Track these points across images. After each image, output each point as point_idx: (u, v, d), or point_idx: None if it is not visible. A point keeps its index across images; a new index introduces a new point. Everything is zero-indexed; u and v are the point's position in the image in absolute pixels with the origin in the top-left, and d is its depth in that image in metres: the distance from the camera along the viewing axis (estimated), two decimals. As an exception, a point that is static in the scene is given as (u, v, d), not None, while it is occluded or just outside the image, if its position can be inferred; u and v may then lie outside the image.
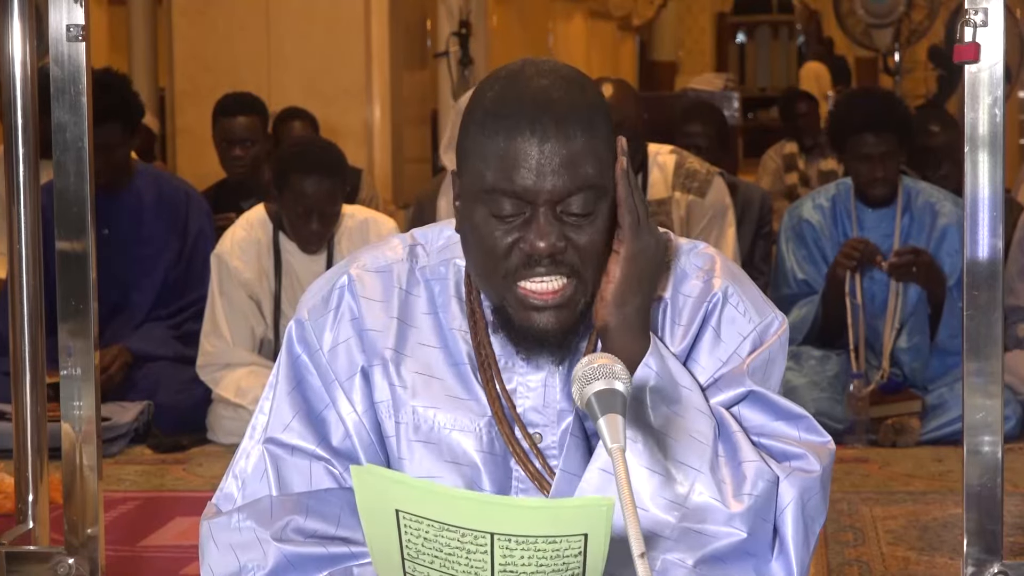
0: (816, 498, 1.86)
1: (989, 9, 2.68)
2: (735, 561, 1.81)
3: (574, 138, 1.80)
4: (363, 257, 2.00)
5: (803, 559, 1.84)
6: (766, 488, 1.82)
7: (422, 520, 1.53)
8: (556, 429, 1.92)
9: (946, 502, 4.11)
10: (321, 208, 4.85)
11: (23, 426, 3.15)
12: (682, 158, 5.44)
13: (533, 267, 1.82)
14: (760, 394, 1.90)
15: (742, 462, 1.83)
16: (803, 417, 1.91)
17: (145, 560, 3.74)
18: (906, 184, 5.15)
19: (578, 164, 1.80)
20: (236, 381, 4.94)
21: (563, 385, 1.92)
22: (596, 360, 1.66)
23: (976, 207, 2.70)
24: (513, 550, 1.52)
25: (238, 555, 1.87)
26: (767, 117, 17.91)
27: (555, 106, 1.81)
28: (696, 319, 1.93)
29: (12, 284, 3.15)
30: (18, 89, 3.11)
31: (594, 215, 1.82)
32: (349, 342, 1.94)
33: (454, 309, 1.95)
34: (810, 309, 5.13)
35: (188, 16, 8.62)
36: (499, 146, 1.80)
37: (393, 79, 8.70)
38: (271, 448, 1.93)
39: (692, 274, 1.95)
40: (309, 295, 2.00)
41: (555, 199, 1.80)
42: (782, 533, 1.84)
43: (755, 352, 1.92)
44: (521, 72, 1.86)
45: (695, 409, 1.85)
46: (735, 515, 1.80)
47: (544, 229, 1.80)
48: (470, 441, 1.91)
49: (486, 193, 1.81)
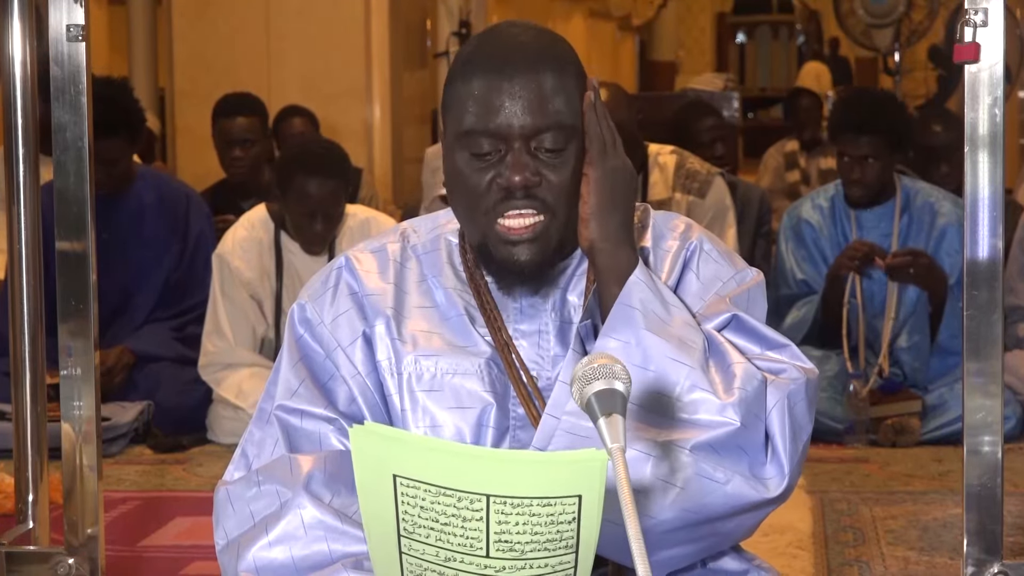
0: (802, 404, 1.91)
1: (989, 9, 2.68)
2: (729, 453, 1.85)
3: (543, 77, 1.92)
4: (358, 245, 2.11)
5: (793, 459, 1.88)
6: (756, 387, 1.88)
7: (419, 485, 1.54)
8: (551, 373, 1.99)
9: (946, 502, 4.11)
10: (325, 209, 4.85)
11: (23, 426, 3.15)
12: (682, 158, 5.44)
13: (509, 201, 1.93)
14: (743, 319, 1.97)
15: (731, 363, 1.90)
16: (787, 345, 1.98)
17: (145, 560, 3.74)
18: (905, 184, 5.15)
19: (548, 101, 1.92)
20: (238, 383, 4.95)
21: (556, 332, 2.00)
22: (596, 360, 1.67)
23: (976, 207, 2.70)
24: (508, 515, 1.53)
25: (255, 515, 1.91)
26: (767, 117, 17.94)
27: (525, 48, 1.94)
28: (676, 267, 2.02)
29: (12, 284, 3.15)
30: (18, 89, 3.11)
31: (566, 152, 1.93)
32: (349, 312, 2.02)
33: (447, 273, 2.05)
34: (809, 309, 5.13)
35: (188, 16, 8.62)
36: (473, 89, 1.93)
37: (393, 79, 8.71)
38: (281, 415, 1.98)
39: (669, 235, 2.05)
40: (308, 283, 2.08)
41: (527, 135, 1.91)
42: (771, 434, 1.88)
43: (736, 290, 2.01)
44: (497, 27, 2.01)
45: (683, 322, 1.92)
46: (727, 405, 1.85)
47: (519, 163, 1.91)
48: (474, 382, 1.98)
49: (465, 135, 1.93)
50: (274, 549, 1.88)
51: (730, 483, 1.84)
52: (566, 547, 1.56)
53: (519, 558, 1.55)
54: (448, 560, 1.57)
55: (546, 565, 1.56)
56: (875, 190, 5.09)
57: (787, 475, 1.87)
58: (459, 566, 1.57)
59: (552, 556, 1.56)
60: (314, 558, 1.87)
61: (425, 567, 1.58)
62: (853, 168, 5.05)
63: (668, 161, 5.37)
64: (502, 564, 1.56)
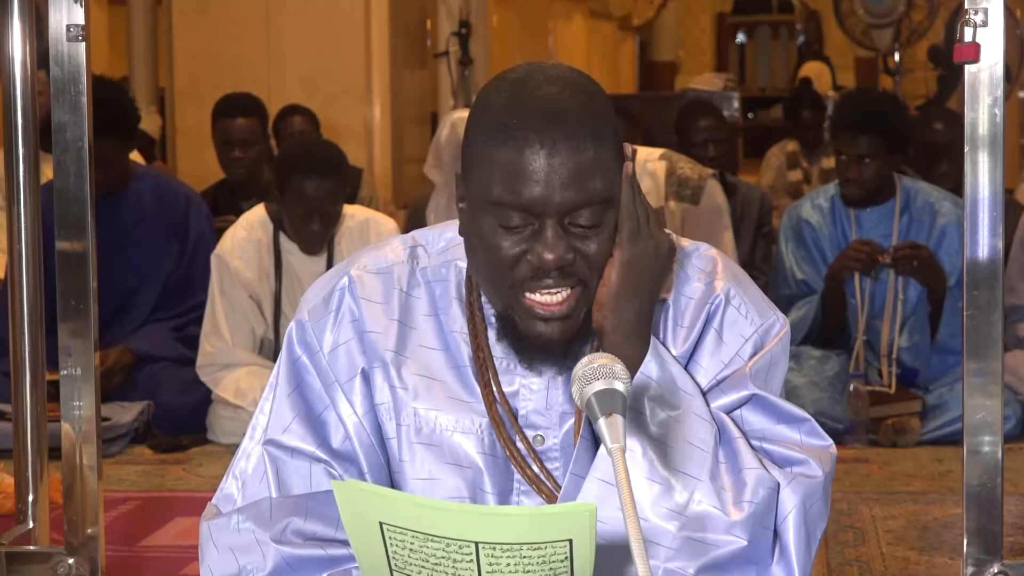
0: (818, 503, 1.86)
1: (989, 9, 2.68)
2: (736, 569, 1.81)
3: (583, 151, 1.79)
4: (364, 258, 2.00)
5: (805, 565, 1.84)
6: (767, 496, 1.82)
7: (406, 532, 1.53)
8: (558, 432, 1.92)
9: (946, 502, 4.11)
10: (322, 209, 4.86)
11: (23, 426, 3.15)
12: (672, 164, 5.41)
13: (541, 279, 1.82)
14: (762, 397, 1.90)
15: (743, 469, 1.83)
16: (805, 420, 1.91)
17: (145, 560, 3.74)
18: (905, 184, 5.15)
19: (586, 177, 1.79)
20: (235, 382, 4.94)
21: (565, 387, 1.91)
22: (596, 360, 1.66)
23: (976, 207, 2.70)
24: (499, 557, 1.52)
25: (237, 557, 1.88)
26: (767, 117, 17.91)
27: (564, 116, 1.79)
28: (698, 321, 1.93)
29: (12, 284, 3.15)
30: (18, 89, 3.11)
31: (602, 226, 1.82)
32: (350, 343, 1.94)
33: (455, 311, 1.95)
34: (809, 309, 5.13)
35: (188, 16, 8.62)
36: (507, 158, 1.79)
37: (393, 79, 8.70)
38: (271, 450, 1.93)
39: (694, 277, 1.95)
40: (309, 296, 2.00)
41: (563, 212, 1.80)
42: (784, 540, 1.84)
43: (757, 355, 1.92)
44: (529, 79, 1.84)
45: (695, 415, 1.84)
46: (735, 523, 1.80)
47: (552, 242, 1.80)
48: (471, 443, 1.91)
49: (493, 204, 1.81)
50: None
51: None
52: None
53: None
54: None
55: None
56: (871, 190, 5.09)
57: None
58: None
59: None
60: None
61: None
62: (850, 167, 5.05)
63: (658, 168, 5.34)
64: None
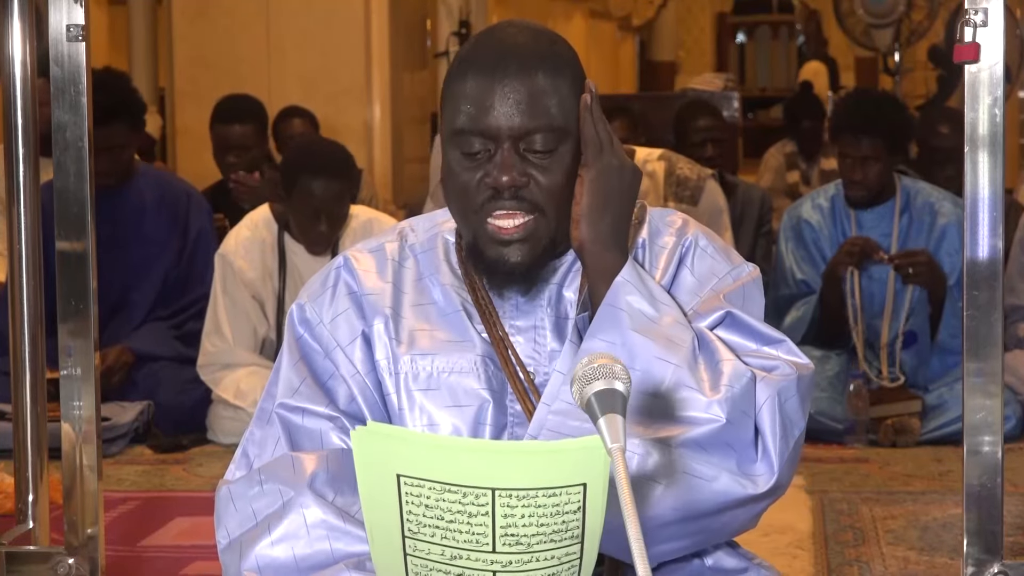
0: (793, 400, 1.91)
1: (989, 9, 2.68)
2: (716, 450, 1.85)
3: (535, 78, 1.92)
4: (357, 245, 2.12)
5: (783, 456, 1.88)
6: (744, 384, 1.87)
7: (423, 483, 1.53)
8: (547, 368, 1.99)
9: (946, 502, 4.11)
10: (329, 209, 4.86)
11: (23, 426, 3.15)
12: (671, 165, 5.42)
13: (498, 200, 1.93)
14: (737, 316, 1.97)
15: (720, 360, 1.90)
16: (782, 340, 1.97)
17: (145, 560, 3.74)
18: (905, 184, 5.15)
19: (538, 102, 1.92)
20: (236, 382, 4.95)
21: (552, 328, 2.00)
22: (596, 360, 1.67)
23: (976, 207, 2.70)
24: (514, 507, 1.53)
25: (257, 513, 1.91)
26: (767, 117, 17.91)
27: (520, 49, 1.94)
28: (672, 263, 2.02)
29: (12, 284, 3.15)
30: (18, 89, 3.11)
31: (557, 154, 1.94)
32: (348, 312, 2.03)
33: (444, 270, 2.05)
34: (808, 309, 5.13)
35: (188, 16, 8.62)
36: (467, 88, 1.93)
37: (393, 79, 8.71)
38: (282, 413, 1.99)
39: (665, 231, 2.05)
40: (307, 284, 2.10)
41: (516, 136, 1.92)
42: (761, 430, 1.88)
43: (731, 286, 2.00)
44: (496, 26, 2.02)
45: (672, 320, 1.92)
46: (713, 401, 1.85)
47: (506, 163, 1.92)
48: (471, 380, 1.98)
49: (457, 133, 1.94)
50: (276, 548, 1.88)
51: (717, 480, 1.84)
52: (572, 537, 1.56)
53: (526, 551, 1.55)
54: (454, 558, 1.57)
55: (552, 557, 1.56)
56: (876, 190, 5.09)
57: (776, 471, 1.87)
58: (466, 563, 1.57)
59: (558, 548, 1.56)
60: (316, 557, 1.87)
61: (431, 567, 1.58)
62: (855, 169, 5.06)
63: (657, 169, 5.35)
64: (509, 559, 1.56)
